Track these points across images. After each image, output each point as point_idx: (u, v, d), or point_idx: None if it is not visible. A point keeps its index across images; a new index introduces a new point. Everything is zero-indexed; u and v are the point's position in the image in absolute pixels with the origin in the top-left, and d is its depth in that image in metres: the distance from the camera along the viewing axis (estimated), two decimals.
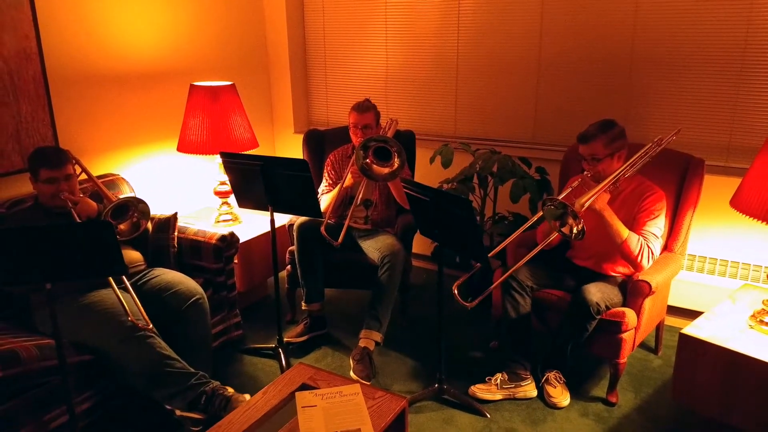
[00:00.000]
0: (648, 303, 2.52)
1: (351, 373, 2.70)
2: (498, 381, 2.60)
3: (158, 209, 3.03)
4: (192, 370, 2.43)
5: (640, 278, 2.48)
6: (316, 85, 4.29)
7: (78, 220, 2.51)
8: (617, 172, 2.43)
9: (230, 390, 2.44)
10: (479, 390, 2.60)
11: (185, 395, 2.38)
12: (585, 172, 2.52)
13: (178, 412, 2.41)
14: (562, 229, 2.35)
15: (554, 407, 2.55)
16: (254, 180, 2.71)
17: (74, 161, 2.68)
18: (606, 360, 2.74)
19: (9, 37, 2.76)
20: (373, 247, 3.01)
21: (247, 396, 2.42)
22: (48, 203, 2.57)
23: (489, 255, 2.34)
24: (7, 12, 2.74)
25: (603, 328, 2.48)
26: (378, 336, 2.85)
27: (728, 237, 3.02)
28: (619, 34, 3.18)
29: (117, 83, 3.23)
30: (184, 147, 3.23)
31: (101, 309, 2.40)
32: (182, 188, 3.66)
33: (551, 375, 2.62)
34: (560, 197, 2.42)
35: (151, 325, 2.38)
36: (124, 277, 2.50)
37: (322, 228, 2.86)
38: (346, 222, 2.86)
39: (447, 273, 3.70)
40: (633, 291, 2.50)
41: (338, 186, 3.04)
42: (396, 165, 2.77)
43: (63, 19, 2.96)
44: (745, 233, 2.97)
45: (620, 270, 2.62)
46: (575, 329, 2.49)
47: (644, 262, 2.43)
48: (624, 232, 2.41)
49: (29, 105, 2.88)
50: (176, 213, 2.93)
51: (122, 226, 2.61)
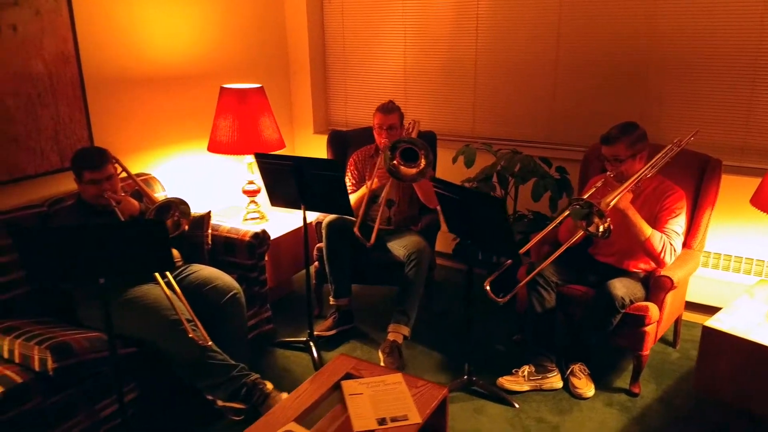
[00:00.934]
0: (669, 297, 2.63)
1: (381, 365, 2.80)
2: (525, 373, 2.71)
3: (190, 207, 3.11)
4: (233, 362, 2.53)
5: (663, 274, 2.59)
6: (335, 86, 4.39)
7: (122, 219, 2.61)
8: (639, 173, 2.53)
9: (269, 386, 2.54)
10: (507, 381, 2.70)
11: (227, 386, 2.48)
12: (608, 173, 2.63)
13: (220, 402, 2.52)
14: (589, 228, 2.45)
15: (580, 398, 2.66)
16: (287, 179, 2.81)
17: (114, 161, 2.77)
18: (627, 353, 2.86)
19: (49, 41, 2.85)
20: (399, 245, 3.10)
21: (285, 394, 2.52)
22: (92, 202, 2.66)
23: (520, 252, 2.44)
24: (48, 17, 2.83)
25: (627, 322, 2.59)
26: (406, 330, 2.95)
27: (743, 235, 3.13)
28: (636, 37, 3.29)
29: (147, 86, 3.32)
30: (215, 147, 3.32)
31: (146, 303, 2.50)
32: (209, 187, 3.75)
33: (576, 367, 2.73)
34: (585, 197, 2.52)
35: (210, 342, 2.48)
36: (168, 273, 2.61)
37: (356, 228, 2.95)
38: (377, 224, 2.96)
39: (465, 270, 3.83)
40: (655, 286, 2.61)
41: (364, 187, 3.14)
42: (423, 165, 2.87)
43: (97, 24, 3.05)
44: (760, 231, 3.08)
45: (642, 266, 2.73)
46: (600, 322, 2.59)
47: (667, 259, 2.54)
48: (647, 230, 2.51)
49: (67, 106, 2.96)
50: (210, 211, 3.03)
51: None
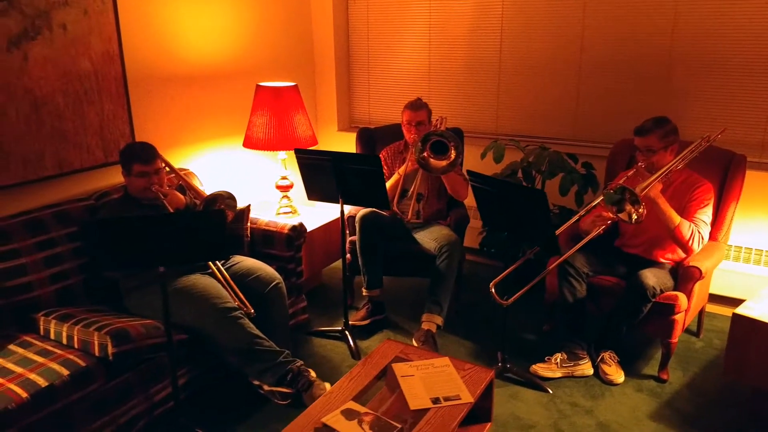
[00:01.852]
0: (697, 287, 2.73)
1: None
2: (558, 360, 2.81)
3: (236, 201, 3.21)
4: (278, 349, 2.63)
5: (691, 264, 2.69)
6: (359, 84, 4.49)
7: (171, 211, 2.71)
8: (671, 164, 2.64)
9: (313, 374, 2.64)
10: (540, 368, 2.80)
11: (275, 371, 2.58)
12: (639, 163, 2.73)
13: (266, 387, 2.62)
14: (620, 215, 2.55)
15: (610, 384, 2.76)
16: (325, 174, 2.91)
17: (160, 157, 2.87)
18: (652, 341, 2.96)
19: (96, 40, 2.95)
20: (429, 237, 3.20)
21: (328, 385, 2.62)
22: (139, 195, 2.76)
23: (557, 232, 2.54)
24: (95, 17, 2.93)
25: (657, 311, 2.69)
26: (439, 319, 3.05)
27: (764, 228, 3.23)
28: (659, 35, 3.39)
29: (183, 83, 3.42)
30: (250, 143, 3.42)
31: (196, 292, 2.59)
32: (242, 182, 3.86)
33: (606, 354, 2.83)
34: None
35: (252, 310, 2.60)
36: (217, 263, 2.72)
37: (394, 206, 3.10)
38: (413, 201, 3.11)
39: (491, 264, 3.94)
40: (684, 276, 2.71)
41: (396, 173, 3.23)
42: (452, 157, 2.97)
43: (139, 25, 3.15)
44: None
45: (669, 257, 2.83)
46: (631, 311, 2.69)
47: (695, 246, 2.64)
48: (676, 219, 2.61)
49: (111, 103, 3.06)
50: (249, 205, 3.13)
51: None
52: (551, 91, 3.78)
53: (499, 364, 2.80)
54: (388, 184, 3.23)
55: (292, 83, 3.45)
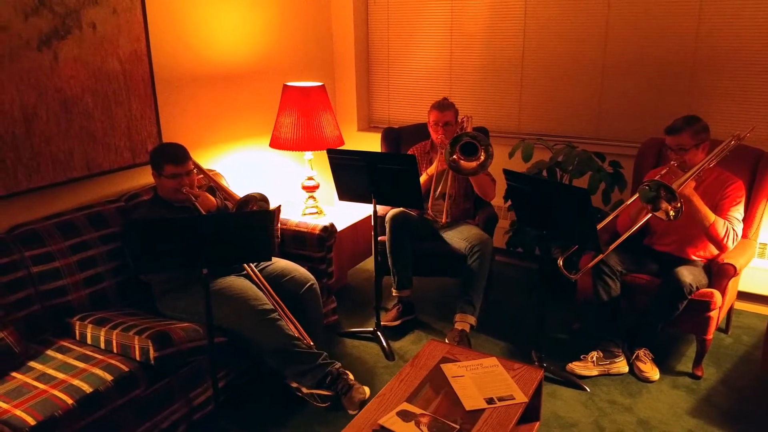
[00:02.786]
0: (731, 284, 2.74)
1: None
2: (594, 358, 2.81)
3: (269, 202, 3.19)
4: (317, 351, 2.61)
5: (726, 261, 2.70)
6: (378, 84, 4.47)
7: (203, 213, 2.68)
8: (703, 161, 2.65)
9: (351, 377, 2.63)
10: (577, 367, 2.80)
11: (314, 373, 2.56)
12: (672, 162, 2.74)
13: (305, 390, 2.60)
14: (656, 213, 2.55)
15: (646, 381, 2.76)
16: (357, 174, 2.90)
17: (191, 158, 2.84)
18: (682, 338, 2.98)
19: (124, 40, 2.91)
20: (459, 237, 3.19)
21: (367, 389, 2.61)
22: (169, 197, 2.73)
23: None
24: (123, 16, 2.89)
25: (693, 308, 2.70)
26: (473, 319, 3.05)
27: None
28: (682, 36, 3.40)
29: (207, 83, 3.39)
30: (277, 144, 3.40)
31: (233, 294, 2.56)
32: (267, 182, 3.84)
33: (641, 352, 2.83)
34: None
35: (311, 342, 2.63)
36: (252, 266, 2.70)
37: (429, 209, 3.10)
38: (446, 203, 3.09)
39: (521, 265, 3.94)
40: (719, 273, 2.72)
41: (424, 174, 3.22)
42: (483, 158, 2.97)
43: (166, 24, 3.12)
44: None
45: (701, 254, 2.84)
46: (667, 308, 2.70)
47: (729, 243, 2.65)
48: (711, 216, 2.62)
49: (139, 104, 3.03)
50: (280, 206, 3.11)
51: None
52: (574, 90, 3.78)
53: (536, 363, 2.80)
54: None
55: (319, 83, 3.43)
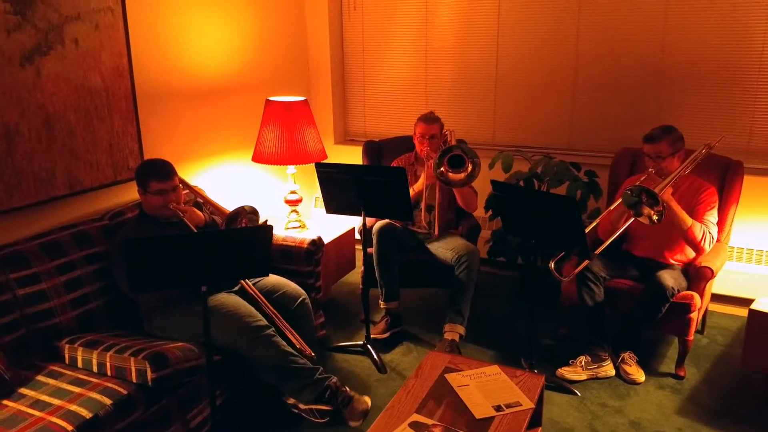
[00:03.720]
0: (709, 286, 2.87)
1: None
2: (582, 363, 2.89)
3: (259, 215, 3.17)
4: (312, 366, 2.60)
5: (703, 264, 2.83)
6: (354, 98, 4.51)
7: (194, 229, 2.65)
8: (680, 168, 2.78)
9: (349, 389, 2.62)
10: (567, 372, 2.87)
11: (313, 388, 2.55)
12: (650, 169, 2.86)
13: (303, 406, 2.58)
14: (640, 219, 2.65)
15: (633, 383, 2.86)
16: (346, 188, 2.92)
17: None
18: (664, 339, 3.09)
19: (107, 56, 2.86)
20: (445, 248, 3.24)
21: (368, 399, 2.61)
22: (156, 213, 2.69)
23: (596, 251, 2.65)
24: (105, 32, 2.84)
25: (674, 310, 2.80)
26: (462, 329, 3.09)
27: (754, 230, 3.43)
28: (649, 50, 3.57)
29: (188, 99, 3.36)
30: (260, 158, 3.38)
31: (227, 311, 2.53)
32: (247, 196, 3.81)
33: (626, 355, 2.93)
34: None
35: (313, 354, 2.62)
36: (248, 281, 2.67)
37: (424, 222, 3.14)
38: (436, 215, 3.12)
39: (502, 274, 4.01)
40: (697, 276, 2.85)
41: (410, 189, 3.26)
42: (470, 169, 3.03)
43: (146, 39, 3.07)
44: (764, 226, 3.39)
45: (678, 258, 2.96)
46: (651, 311, 2.80)
47: (706, 246, 2.78)
48: (689, 220, 2.75)
49: (121, 120, 2.97)
50: (267, 220, 3.08)
51: None
52: (547, 102, 3.90)
53: (527, 369, 2.85)
54: None
55: (302, 98, 3.44)
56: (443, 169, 3.05)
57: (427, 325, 3.40)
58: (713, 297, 3.50)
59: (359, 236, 3.51)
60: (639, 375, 2.88)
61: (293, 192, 3.55)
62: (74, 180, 2.79)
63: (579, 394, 2.77)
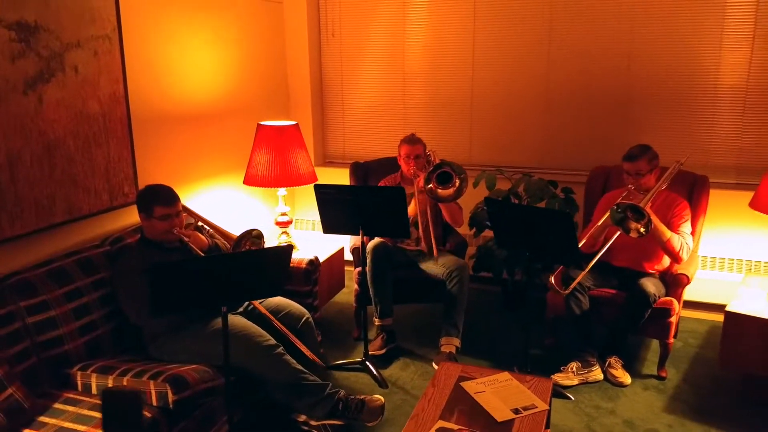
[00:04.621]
0: (685, 292, 3.10)
1: None
2: (573, 369, 3.05)
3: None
4: (322, 382, 2.66)
5: (680, 272, 3.06)
6: (333, 120, 4.62)
7: (200, 253, 2.68)
8: (659, 183, 3.01)
9: (358, 395, 2.69)
10: (559, 378, 3.03)
11: (325, 404, 2.60)
12: (630, 186, 3.08)
13: (314, 422, 2.63)
14: (631, 235, 2.85)
15: (620, 386, 3.03)
16: (345, 208, 3.02)
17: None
18: (644, 344, 3.29)
19: (104, 82, 2.88)
20: (436, 264, 3.36)
21: (380, 396, 2.69)
22: (159, 238, 2.71)
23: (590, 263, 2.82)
24: (103, 58, 2.87)
25: (655, 315, 3.01)
26: (458, 341, 3.21)
27: (718, 239, 3.72)
28: (616, 73, 3.84)
29: (178, 124, 3.39)
30: (253, 181, 3.43)
31: (236, 333, 2.55)
32: (237, 219, 3.84)
33: (612, 359, 3.11)
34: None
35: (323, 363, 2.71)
36: (256, 302, 2.72)
37: (423, 244, 3.21)
38: (432, 239, 3.22)
39: (483, 289, 4.16)
40: (674, 282, 3.07)
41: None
42: (458, 184, 3.18)
43: (141, 66, 3.10)
44: (726, 236, 3.68)
45: (656, 267, 3.19)
46: (635, 317, 3.00)
47: (684, 255, 3.01)
48: (667, 232, 2.97)
49: (117, 146, 2.98)
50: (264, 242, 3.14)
51: None
52: (520, 124, 4.12)
53: None
54: None
55: (293, 122, 3.52)
56: (432, 186, 3.19)
57: (420, 340, 3.50)
58: (684, 303, 3.76)
59: (351, 256, 3.61)
60: (625, 378, 3.06)
61: (284, 214, 3.61)
62: (73, 206, 2.77)
63: (573, 399, 2.92)
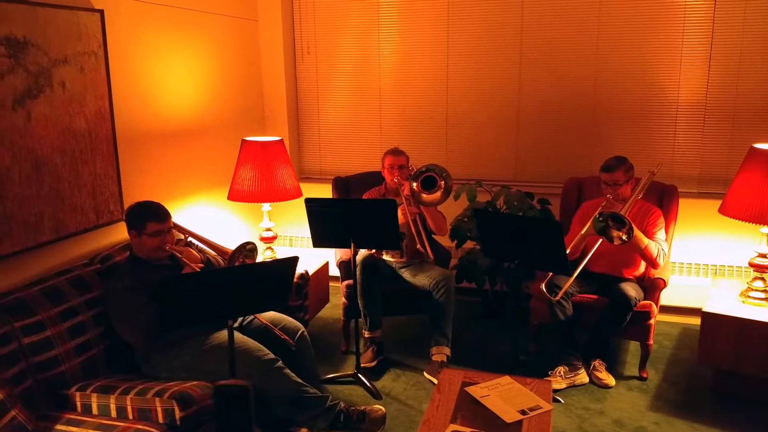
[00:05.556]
0: (661, 295, 3.26)
1: None
2: (561, 373, 3.15)
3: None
4: (322, 394, 2.67)
5: (656, 276, 3.22)
6: (309, 138, 4.65)
7: (196, 269, 2.66)
8: (636, 192, 3.17)
9: (359, 406, 2.71)
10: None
11: (326, 416, 2.61)
12: (608, 195, 3.22)
13: None
14: (614, 243, 2.98)
15: (605, 387, 3.15)
16: (335, 221, 3.05)
17: None
18: (621, 347, 3.43)
19: (90, 98, 2.84)
20: (422, 275, 3.42)
21: (380, 406, 2.71)
22: (150, 255, 2.69)
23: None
24: (90, 74, 2.83)
25: (636, 318, 3.14)
26: (448, 350, 3.27)
27: (681, 245, 3.92)
28: (583, 91, 4.03)
29: (161, 140, 3.36)
30: (237, 196, 3.43)
31: (235, 347, 2.54)
32: (219, 236, 3.80)
33: (595, 363, 3.22)
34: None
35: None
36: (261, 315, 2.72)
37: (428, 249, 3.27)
38: (425, 243, 3.27)
39: (464, 300, 4.23)
40: (652, 286, 3.23)
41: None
42: (443, 186, 3.27)
43: (125, 82, 3.08)
44: (691, 243, 3.89)
45: (634, 273, 3.34)
46: (617, 321, 3.13)
47: (660, 261, 3.16)
48: (645, 239, 3.12)
49: (102, 162, 2.94)
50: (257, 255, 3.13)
51: None
52: (494, 139, 4.26)
53: None
54: None
55: (278, 138, 3.54)
56: (417, 190, 3.27)
57: (408, 351, 3.54)
58: None
59: (336, 270, 3.64)
60: (610, 380, 3.18)
61: (269, 229, 3.60)
62: (60, 224, 2.71)
63: (563, 401, 3.02)
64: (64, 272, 2.56)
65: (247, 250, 2.79)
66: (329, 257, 3.90)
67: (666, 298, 3.92)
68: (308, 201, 3.04)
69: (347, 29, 4.40)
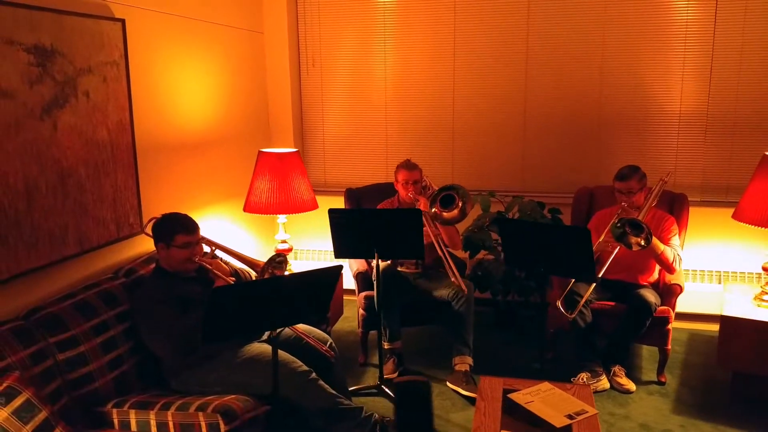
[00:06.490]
0: (678, 301, 3.33)
1: (465, 393, 3.09)
2: (584, 379, 3.17)
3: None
4: (356, 405, 2.63)
5: (673, 282, 3.28)
6: (314, 150, 4.64)
7: (229, 281, 2.62)
8: (651, 199, 3.24)
9: (392, 419, 2.69)
10: None
11: (362, 427, 2.58)
12: (623, 203, 3.29)
13: None
14: (633, 248, 3.04)
15: (627, 392, 3.18)
16: (357, 232, 3.04)
17: None
18: (637, 353, 3.47)
19: (112, 109, 2.79)
20: (440, 286, 3.42)
21: None
22: (178, 268, 2.64)
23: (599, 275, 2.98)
24: (112, 85, 2.78)
25: (654, 324, 3.19)
26: (470, 359, 3.27)
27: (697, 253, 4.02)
28: (588, 103, 4.12)
29: (177, 151, 3.31)
30: (254, 208, 3.39)
31: (269, 360, 2.50)
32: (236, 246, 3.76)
33: (615, 369, 3.26)
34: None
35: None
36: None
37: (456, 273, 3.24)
38: (455, 271, 3.25)
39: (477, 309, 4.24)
40: (668, 292, 3.29)
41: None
42: (461, 204, 3.29)
43: (144, 93, 3.03)
44: (699, 250, 3.99)
45: (649, 279, 3.40)
46: (637, 326, 3.17)
47: (677, 266, 3.23)
48: (661, 245, 3.19)
49: (123, 174, 2.88)
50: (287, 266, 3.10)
51: None
52: (500, 150, 4.31)
53: None
54: None
55: (294, 149, 3.52)
56: (436, 210, 3.28)
57: (426, 361, 3.53)
58: None
59: (352, 282, 3.62)
60: (630, 385, 3.22)
61: (284, 241, 3.57)
62: (83, 237, 2.64)
63: None
64: (93, 286, 2.50)
65: (276, 262, 2.77)
66: (345, 269, 3.86)
67: (682, 305, 3.99)
68: (332, 212, 3.02)
69: (352, 42, 4.42)
